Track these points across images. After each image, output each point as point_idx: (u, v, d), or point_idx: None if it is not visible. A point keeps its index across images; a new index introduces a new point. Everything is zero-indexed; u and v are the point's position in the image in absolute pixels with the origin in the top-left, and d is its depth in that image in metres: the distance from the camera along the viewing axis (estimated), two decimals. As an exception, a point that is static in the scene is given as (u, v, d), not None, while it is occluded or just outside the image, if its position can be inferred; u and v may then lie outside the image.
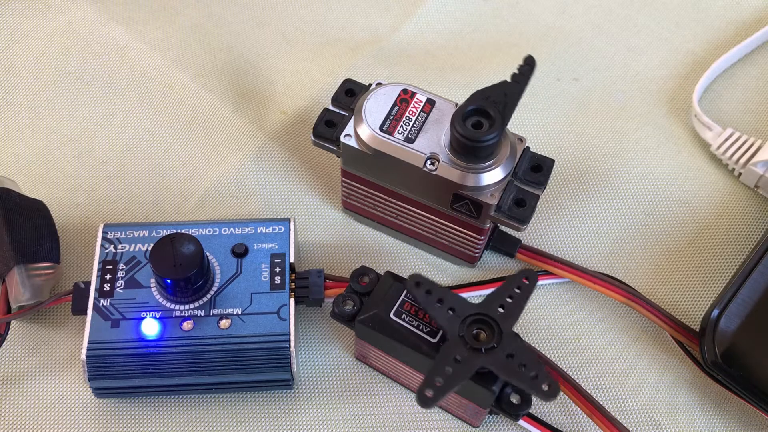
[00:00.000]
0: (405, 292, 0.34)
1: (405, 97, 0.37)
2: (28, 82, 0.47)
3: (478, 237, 0.38)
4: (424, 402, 0.29)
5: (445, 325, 0.31)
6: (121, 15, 0.50)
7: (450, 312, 0.32)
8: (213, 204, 0.43)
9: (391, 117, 0.36)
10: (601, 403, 0.36)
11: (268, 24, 0.50)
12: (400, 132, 0.36)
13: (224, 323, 0.35)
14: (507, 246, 0.41)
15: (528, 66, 0.34)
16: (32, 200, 0.40)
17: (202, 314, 0.36)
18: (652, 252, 0.42)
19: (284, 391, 0.38)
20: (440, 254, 0.41)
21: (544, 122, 0.46)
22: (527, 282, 0.32)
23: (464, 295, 0.40)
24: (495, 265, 0.42)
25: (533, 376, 0.30)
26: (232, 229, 0.38)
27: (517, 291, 0.32)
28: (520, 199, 0.36)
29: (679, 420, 0.38)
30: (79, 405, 0.37)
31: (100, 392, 0.36)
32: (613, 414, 0.36)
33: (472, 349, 0.31)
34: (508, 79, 0.34)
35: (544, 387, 0.30)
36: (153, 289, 0.36)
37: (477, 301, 0.32)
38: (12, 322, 0.38)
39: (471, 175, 0.35)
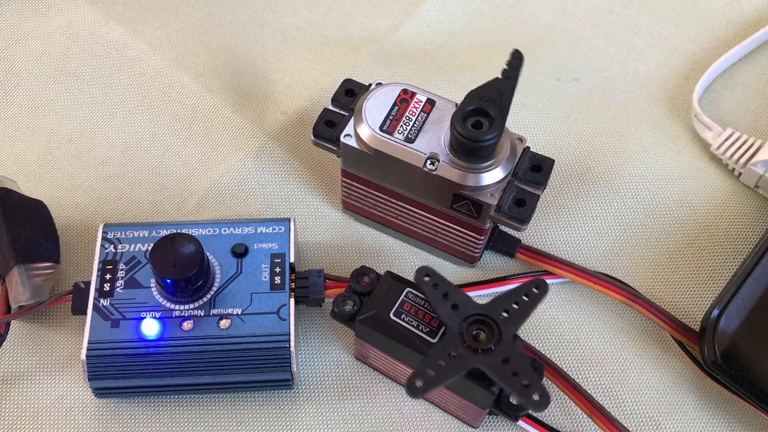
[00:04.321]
0: (405, 292, 0.34)
1: (405, 97, 0.37)
2: (28, 82, 0.47)
3: (478, 237, 0.38)
4: (413, 391, 0.29)
5: (446, 319, 0.31)
6: (121, 15, 0.50)
7: (453, 308, 0.32)
8: (213, 204, 0.43)
9: (391, 117, 0.36)
10: (601, 403, 0.36)
11: (268, 24, 0.50)
12: (400, 132, 0.36)
13: (224, 323, 0.35)
14: (507, 246, 0.41)
15: (517, 60, 0.34)
16: (32, 200, 0.40)
17: (202, 314, 0.36)
18: (652, 252, 0.42)
19: (284, 391, 0.38)
20: (440, 254, 0.41)
21: (544, 122, 0.46)
22: (537, 291, 0.32)
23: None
24: (495, 265, 0.42)
25: (525, 385, 0.30)
26: (232, 229, 0.38)
27: (525, 298, 0.32)
28: (520, 199, 0.36)
29: (679, 420, 0.38)
30: (79, 405, 0.37)
31: (100, 392, 0.36)
32: (613, 414, 0.36)
33: (469, 348, 0.31)
34: (499, 76, 0.34)
35: (535, 397, 0.29)
36: (153, 289, 0.36)
37: (478, 302, 0.32)
38: (12, 322, 0.38)
39: (471, 175, 0.35)
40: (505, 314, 0.31)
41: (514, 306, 0.32)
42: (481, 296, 0.40)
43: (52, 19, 0.49)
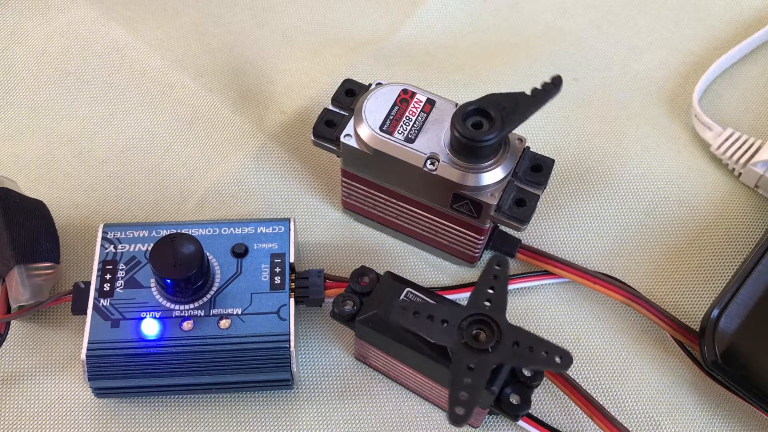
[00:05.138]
0: (405, 292, 0.34)
1: (405, 97, 0.37)
2: (28, 82, 0.47)
3: (478, 237, 0.38)
4: (457, 420, 0.29)
5: (444, 338, 0.31)
6: (121, 15, 0.50)
7: (444, 324, 0.31)
8: (213, 204, 0.43)
9: (391, 117, 0.36)
10: (601, 403, 0.36)
11: (268, 24, 0.50)
12: (400, 132, 0.36)
13: (224, 323, 0.35)
14: (507, 246, 0.41)
15: (552, 85, 0.34)
16: (32, 200, 0.40)
17: (202, 314, 0.36)
18: (652, 252, 0.42)
19: (284, 391, 0.38)
20: (440, 254, 0.41)
21: (544, 122, 0.46)
22: (500, 268, 0.32)
23: (465, 295, 0.40)
24: (495, 265, 0.42)
25: (545, 355, 0.30)
26: (232, 229, 0.38)
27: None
28: (520, 199, 0.36)
29: (679, 420, 0.38)
30: (79, 405, 0.37)
31: (100, 392, 0.36)
32: (613, 414, 0.36)
33: (480, 352, 0.31)
34: (528, 92, 0.34)
35: (557, 360, 0.30)
36: (153, 289, 0.36)
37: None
38: (12, 322, 0.38)
39: (471, 175, 0.35)
40: (487, 303, 0.31)
41: (491, 292, 0.32)
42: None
43: (52, 19, 0.49)
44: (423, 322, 0.30)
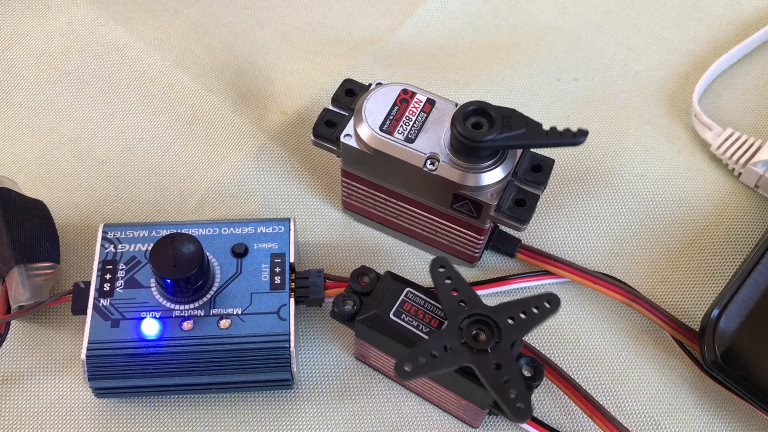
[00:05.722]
0: (405, 291, 0.34)
1: (405, 97, 0.37)
2: (28, 82, 0.47)
3: (478, 237, 0.38)
4: (401, 374, 0.29)
5: (449, 312, 0.31)
6: (121, 15, 0.50)
7: (460, 303, 0.31)
8: (213, 204, 0.43)
9: (391, 117, 0.36)
10: (601, 403, 0.36)
11: (268, 24, 0.50)
12: (400, 132, 0.36)
13: (224, 323, 0.35)
14: (507, 246, 0.41)
15: (573, 135, 0.33)
16: (32, 200, 0.40)
17: (202, 314, 0.36)
18: (652, 252, 0.42)
19: (284, 391, 0.38)
20: (440, 254, 0.41)
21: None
22: (548, 306, 0.31)
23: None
24: (495, 265, 0.42)
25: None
26: (232, 229, 0.38)
27: (534, 311, 0.31)
28: (520, 199, 0.36)
29: (679, 420, 0.38)
30: (79, 405, 0.37)
31: (100, 392, 0.36)
32: (613, 414, 0.36)
33: (465, 345, 0.31)
34: (547, 127, 0.34)
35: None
36: (153, 289, 0.36)
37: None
38: (12, 322, 0.38)
39: (471, 175, 0.35)
40: (510, 321, 0.31)
41: (522, 315, 0.31)
42: (481, 296, 0.40)
43: (52, 19, 0.49)
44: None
